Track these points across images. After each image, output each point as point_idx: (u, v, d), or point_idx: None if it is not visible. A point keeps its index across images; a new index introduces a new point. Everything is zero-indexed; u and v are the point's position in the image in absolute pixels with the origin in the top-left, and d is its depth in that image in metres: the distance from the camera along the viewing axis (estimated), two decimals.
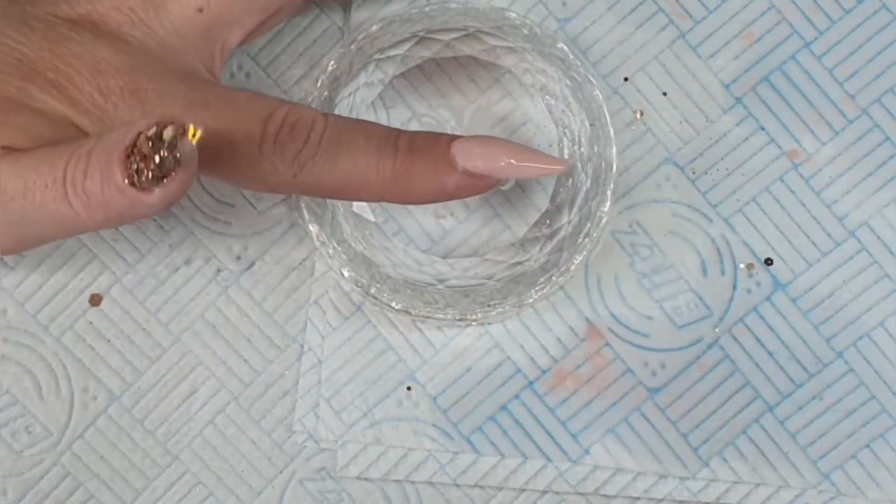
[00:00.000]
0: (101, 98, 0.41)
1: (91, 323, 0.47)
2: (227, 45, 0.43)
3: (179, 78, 0.41)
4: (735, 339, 0.47)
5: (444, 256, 0.47)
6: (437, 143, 0.42)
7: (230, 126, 0.41)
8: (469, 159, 0.41)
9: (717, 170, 0.47)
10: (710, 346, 0.47)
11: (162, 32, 0.42)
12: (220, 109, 0.41)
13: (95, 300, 0.47)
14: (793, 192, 0.47)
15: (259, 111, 0.41)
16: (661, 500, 0.47)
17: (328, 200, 0.46)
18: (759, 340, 0.47)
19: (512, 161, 0.42)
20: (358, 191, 0.42)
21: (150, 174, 0.37)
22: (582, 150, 0.46)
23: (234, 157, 0.41)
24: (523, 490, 0.48)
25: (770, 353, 0.47)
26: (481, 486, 0.48)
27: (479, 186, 0.42)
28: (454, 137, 0.42)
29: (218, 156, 0.41)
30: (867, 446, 0.47)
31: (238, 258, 0.47)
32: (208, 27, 0.42)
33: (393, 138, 0.42)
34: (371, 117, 0.47)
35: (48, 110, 0.41)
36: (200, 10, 0.42)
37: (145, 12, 0.42)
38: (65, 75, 0.41)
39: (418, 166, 0.41)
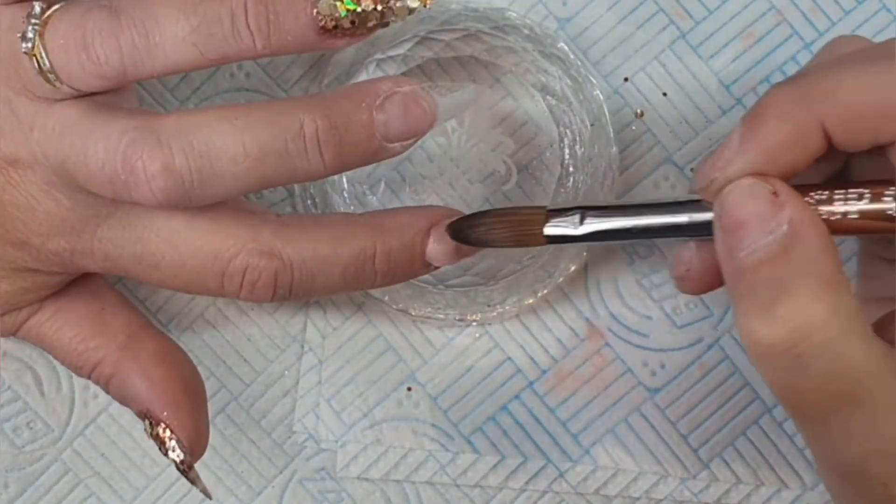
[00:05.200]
0: (56, 257, 0.40)
1: None
2: None
3: (121, 232, 0.40)
4: (735, 340, 0.47)
5: None
6: (413, 258, 0.41)
7: (186, 284, 0.40)
8: (445, 261, 0.41)
9: None
10: (710, 347, 0.47)
11: (84, 189, 0.39)
12: (172, 268, 0.40)
13: None
14: None
15: (210, 267, 0.40)
16: (662, 500, 0.47)
17: (329, 198, 0.46)
18: None
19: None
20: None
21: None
22: (582, 149, 0.46)
23: (198, 294, 0.41)
24: (523, 490, 0.48)
25: None
26: (481, 487, 0.48)
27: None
28: (428, 235, 0.41)
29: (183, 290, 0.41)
30: None
31: None
32: None
33: (370, 265, 0.40)
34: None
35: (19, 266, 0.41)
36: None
37: (58, 177, 0.39)
38: (20, 233, 0.40)
39: (398, 278, 0.41)
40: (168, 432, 0.41)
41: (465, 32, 0.45)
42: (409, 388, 0.47)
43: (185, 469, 0.41)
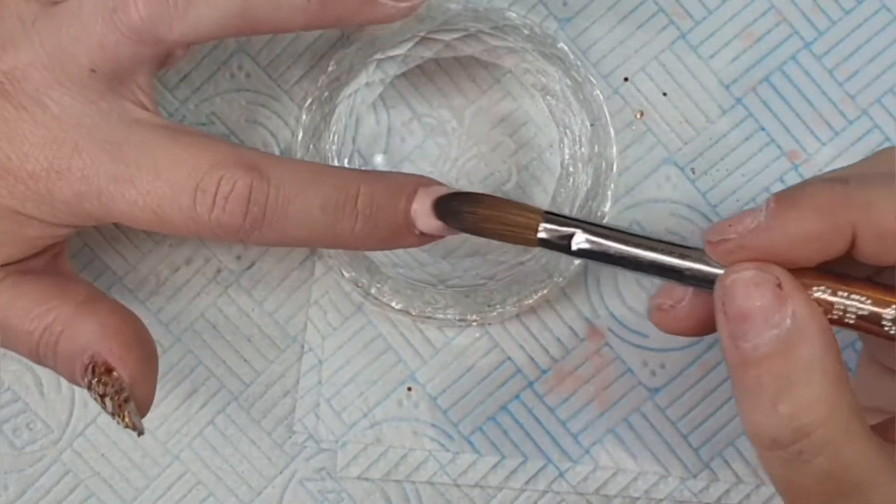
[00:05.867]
0: (33, 182, 0.39)
1: None
2: (141, 84, 0.41)
3: (101, 146, 0.39)
4: None
5: (445, 256, 0.47)
6: (397, 208, 0.40)
7: (159, 202, 0.39)
8: (428, 226, 0.40)
9: (717, 170, 0.47)
10: (710, 347, 0.47)
11: (74, 88, 0.39)
12: (146, 182, 0.39)
13: None
14: None
15: (187, 178, 0.38)
16: (662, 500, 0.47)
17: None
18: None
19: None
20: (310, 245, 0.43)
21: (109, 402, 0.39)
22: (582, 150, 0.46)
23: (171, 228, 0.40)
24: (523, 490, 0.48)
25: None
26: (481, 486, 0.48)
27: (434, 239, 0.41)
28: (415, 192, 0.40)
29: (154, 225, 0.39)
30: None
31: (238, 258, 0.47)
32: (109, 82, 0.40)
33: (351, 203, 0.39)
34: (372, 117, 0.47)
35: None
36: (94, 71, 0.39)
37: (52, 71, 0.39)
38: (0, 151, 0.39)
39: (378, 232, 0.40)
40: (113, 374, 0.39)
41: (465, 32, 0.45)
42: (409, 388, 0.47)
43: (121, 402, 0.39)
